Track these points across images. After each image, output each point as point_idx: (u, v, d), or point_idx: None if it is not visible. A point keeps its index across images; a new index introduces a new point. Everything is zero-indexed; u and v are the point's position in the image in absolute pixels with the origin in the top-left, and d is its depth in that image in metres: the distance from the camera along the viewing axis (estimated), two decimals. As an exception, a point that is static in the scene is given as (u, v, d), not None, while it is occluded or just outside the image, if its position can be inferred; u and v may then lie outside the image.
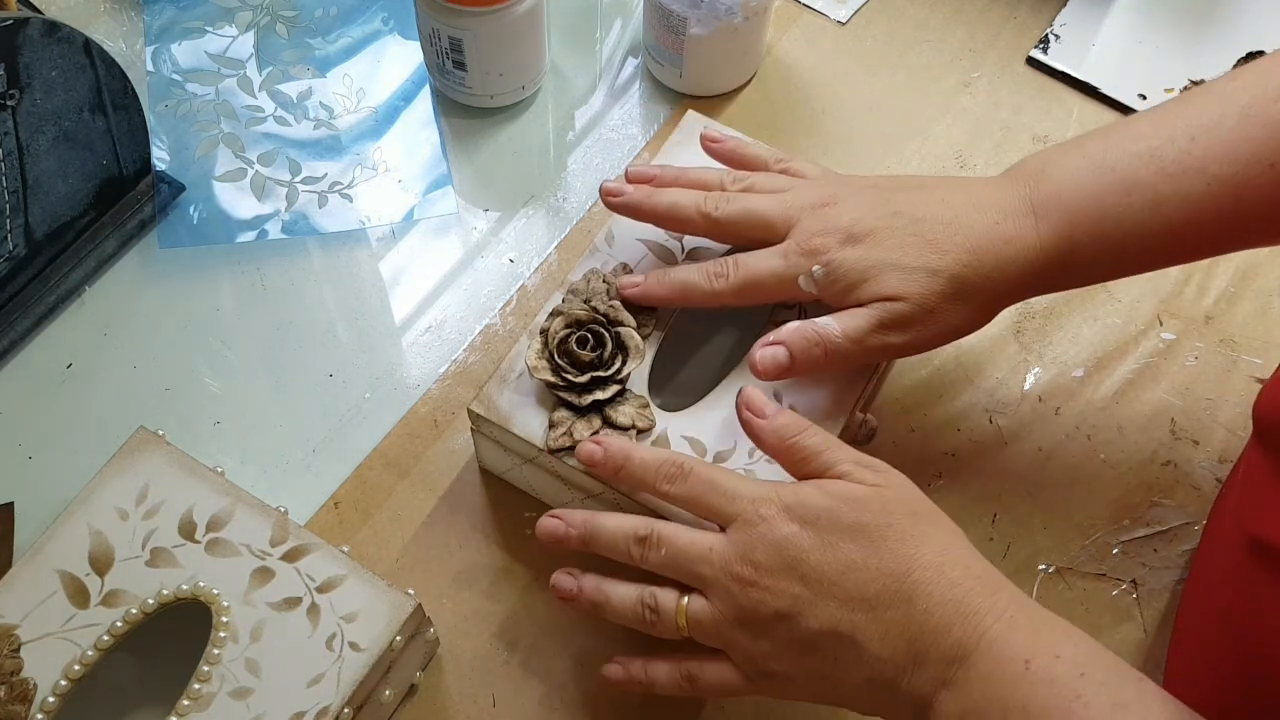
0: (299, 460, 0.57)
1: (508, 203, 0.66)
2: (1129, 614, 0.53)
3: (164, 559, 0.47)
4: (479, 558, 0.54)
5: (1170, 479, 0.57)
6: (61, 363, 0.59)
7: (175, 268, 0.62)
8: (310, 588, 0.47)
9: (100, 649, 0.45)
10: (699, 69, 0.67)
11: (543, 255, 0.63)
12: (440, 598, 0.53)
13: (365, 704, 0.46)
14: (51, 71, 0.54)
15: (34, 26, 0.52)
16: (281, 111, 0.68)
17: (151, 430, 0.50)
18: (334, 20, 0.72)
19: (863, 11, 0.74)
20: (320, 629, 0.46)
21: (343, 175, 0.66)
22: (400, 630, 0.46)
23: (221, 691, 0.44)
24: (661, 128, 0.68)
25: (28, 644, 0.45)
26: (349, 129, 0.67)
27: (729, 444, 0.50)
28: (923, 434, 0.58)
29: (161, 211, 0.63)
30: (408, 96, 0.69)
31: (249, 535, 0.48)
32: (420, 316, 0.62)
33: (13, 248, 0.58)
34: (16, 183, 0.56)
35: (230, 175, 0.65)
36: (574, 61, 0.71)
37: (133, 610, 0.46)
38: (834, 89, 0.70)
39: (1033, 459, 0.57)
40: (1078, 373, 0.60)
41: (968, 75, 0.71)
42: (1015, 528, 0.56)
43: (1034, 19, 0.73)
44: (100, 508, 0.48)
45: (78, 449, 0.57)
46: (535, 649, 0.52)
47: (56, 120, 0.56)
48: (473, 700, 0.51)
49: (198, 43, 0.70)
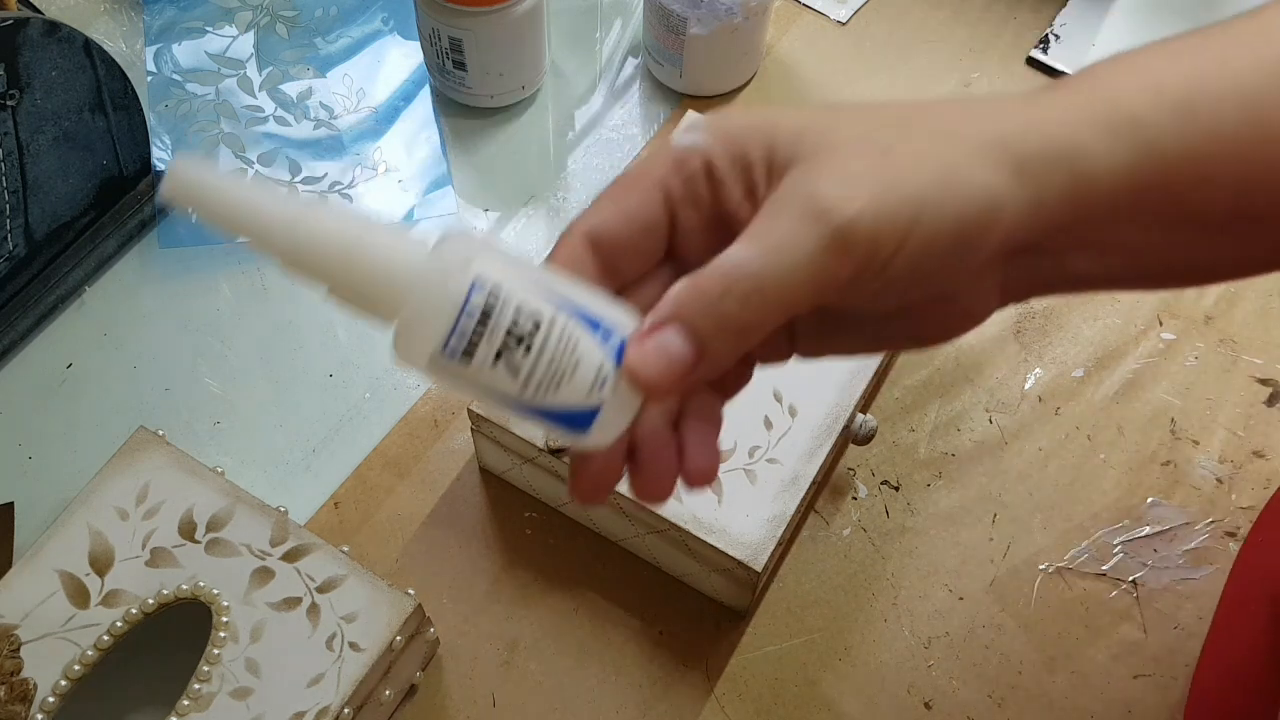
0: (299, 460, 0.57)
1: (508, 203, 0.66)
2: (1128, 614, 0.53)
3: (164, 559, 0.47)
4: (479, 558, 0.54)
5: (1170, 479, 0.57)
6: (62, 363, 0.59)
7: (175, 268, 0.62)
8: (310, 588, 0.47)
9: (100, 649, 0.45)
10: (699, 69, 0.67)
11: (542, 255, 0.63)
12: (440, 597, 0.53)
13: (365, 704, 0.46)
14: (52, 71, 0.54)
15: (34, 26, 0.52)
16: (281, 111, 0.68)
17: (151, 430, 0.50)
18: (334, 20, 0.72)
19: (863, 12, 0.74)
20: (320, 629, 0.46)
21: (343, 175, 0.66)
22: (400, 630, 0.46)
23: (221, 691, 0.44)
24: (661, 128, 0.68)
25: (28, 644, 0.45)
26: (349, 129, 0.67)
27: (729, 444, 0.50)
28: (923, 434, 0.58)
29: (162, 211, 0.63)
30: (408, 96, 0.69)
31: (249, 535, 0.48)
32: (420, 316, 0.61)
33: (13, 248, 0.57)
34: (16, 183, 0.56)
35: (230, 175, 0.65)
36: (574, 61, 0.71)
37: (133, 610, 0.46)
38: (834, 89, 0.70)
39: (1033, 459, 0.57)
40: (1078, 373, 0.60)
41: (968, 75, 0.71)
42: (1015, 528, 0.55)
43: (1034, 19, 0.73)
44: (100, 508, 0.48)
45: (78, 449, 0.56)
46: (535, 649, 0.52)
47: (56, 120, 0.56)
48: (473, 700, 0.51)
49: (198, 43, 0.70)
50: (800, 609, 0.53)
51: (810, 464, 0.50)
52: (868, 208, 0.28)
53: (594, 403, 0.29)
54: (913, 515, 0.56)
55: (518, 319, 0.28)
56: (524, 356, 0.28)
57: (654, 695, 0.51)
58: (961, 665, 0.52)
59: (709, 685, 0.51)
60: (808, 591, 0.54)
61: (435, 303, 0.28)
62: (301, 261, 0.28)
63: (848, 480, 0.56)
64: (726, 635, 0.52)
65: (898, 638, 0.53)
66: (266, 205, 0.27)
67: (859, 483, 0.56)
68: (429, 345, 0.28)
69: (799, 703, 0.51)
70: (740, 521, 0.49)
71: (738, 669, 0.52)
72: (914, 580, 0.54)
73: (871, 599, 0.53)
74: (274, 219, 0.27)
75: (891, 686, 0.51)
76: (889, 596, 0.54)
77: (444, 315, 0.28)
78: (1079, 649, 0.52)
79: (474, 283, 0.28)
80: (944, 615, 0.53)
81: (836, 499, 0.56)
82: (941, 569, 0.54)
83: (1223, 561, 0.54)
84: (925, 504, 0.56)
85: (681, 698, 0.51)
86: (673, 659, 0.52)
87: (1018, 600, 0.54)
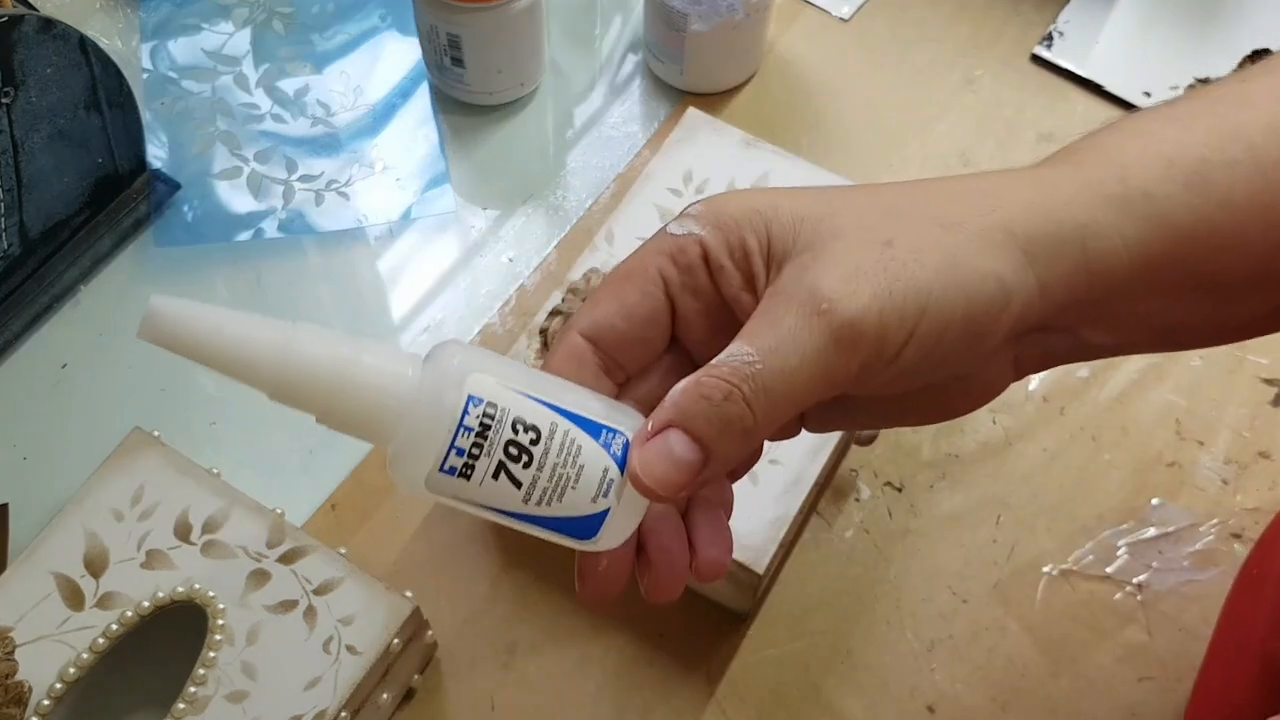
0: (296, 461, 0.56)
1: (507, 201, 0.65)
2: (1133, 617, 0.53)
3: (159, 561, 0.47)
4: (477, 560, 0.54)
5: (1175, 480, 0.56)
6: (56, 363, 0.59)
7: (171, 267, 0.62)
8: (307, 590, 0.46)
9: (95, 652, 0.45)
10: (700, 66, 0.67)
11: (542, 254, 0.63)
12: (438, 600, 0.52)
13: (363, 707, 0.46)
14: (47, 69, 0.54)
15: (29, 23, 0.52)
16: (278, 109, 0.67)
17: (147, 431, 0.50)
18: (331, 16, 0.71)
19: (865, 8, 0.73)
20: (317, 631, 0.45)
21: (340, 173, 0.65)
22: (398, 633, 0.46)
23: (217, 695, 0.44)
24: (662, 125, 0.68)
25: (22, 646, 0.44)
26: (346, 126, 0.67)
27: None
28: (926, 435, 0.58)
29: (157, 210, 0.63)
30: (405, 93, 0.69)
31: (245, 537, 0.47)
32: (418, 316, 0.61)
33: (7, 246, 0.57)
34: (11, 181, 0.55)
35: (226, 173, 0.65)
36: (574, 58, 0.71)
37: (128, 613, 0.45)
38: (836, 86, 0.70)
39: (1037, 460, 0.57)
40: (1082, 373, 0.60)
41: (971, 72, 0.71)
42: (1019, 529, 0.55)
43: (1038, 16, 0.73)
44: (95, 509, 0.48)
45: (73, 450, 0.56)
46: (534, 651, 0.52)
47: (51, 118, 0.55)
48: (471, 704, 0.50)
49: (194, 39, 0.70)
50: (802, 612, 0.53)
51: (813, 465, 0.50)
52: (873, 303, 0.28)
53: (600, 509, 0.29)
54: (916, 517, 0.55)
55: (517, 432, 0.27)
56: (525, 469, 0.28)
57: (654, 699, 0.50)
58: (965, 668, 0.52)
59: (710, 689, 0.51)
60: (810, 594, 0.53)
61: (428, 426, 0.27)
62: (290, 395, 0.27)
63: (850, 482, 0.56)
64: (727, 638, 0.52)
65: (900, 640, 0.52)
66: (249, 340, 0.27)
67: (862, 484, 0.56)
68: (425, 467, 0.27)
69: (801, 706, 0.51)
70: (742, 523, 0.48)
71: (739, 672, 0.51)
72: (917, 582, 0.54)
73: (874, 601, 0.53)
74: (258, 355, 0.27)
75: (894, 690, 0.51)
76: (892, 599, 0.53)
77: (438, 436, 0.27)
78: (1083, 652, 0.52)
79: (469, 398, 0.27)
80: (947, 618, 0.53)
81: (839, 500, 0.55)
82: (945, 571, 0.54)
83: (1228, 564, 0.54)
84: (928, 506, 0.56)
85: (682, 701, 0.50)
86: (673, 662, 0.51)
87: (1022, 603, 0.53)
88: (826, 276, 0.28)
